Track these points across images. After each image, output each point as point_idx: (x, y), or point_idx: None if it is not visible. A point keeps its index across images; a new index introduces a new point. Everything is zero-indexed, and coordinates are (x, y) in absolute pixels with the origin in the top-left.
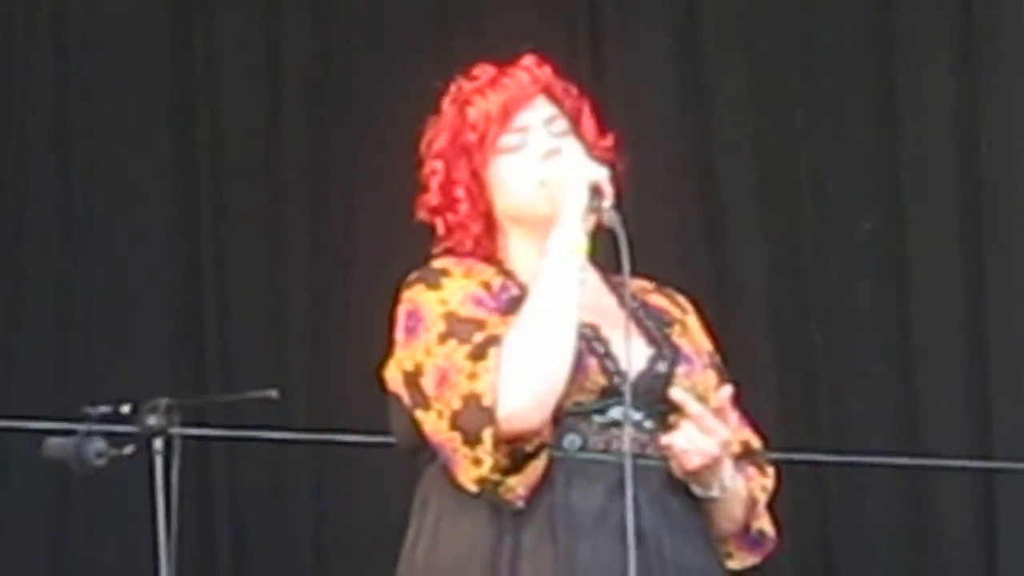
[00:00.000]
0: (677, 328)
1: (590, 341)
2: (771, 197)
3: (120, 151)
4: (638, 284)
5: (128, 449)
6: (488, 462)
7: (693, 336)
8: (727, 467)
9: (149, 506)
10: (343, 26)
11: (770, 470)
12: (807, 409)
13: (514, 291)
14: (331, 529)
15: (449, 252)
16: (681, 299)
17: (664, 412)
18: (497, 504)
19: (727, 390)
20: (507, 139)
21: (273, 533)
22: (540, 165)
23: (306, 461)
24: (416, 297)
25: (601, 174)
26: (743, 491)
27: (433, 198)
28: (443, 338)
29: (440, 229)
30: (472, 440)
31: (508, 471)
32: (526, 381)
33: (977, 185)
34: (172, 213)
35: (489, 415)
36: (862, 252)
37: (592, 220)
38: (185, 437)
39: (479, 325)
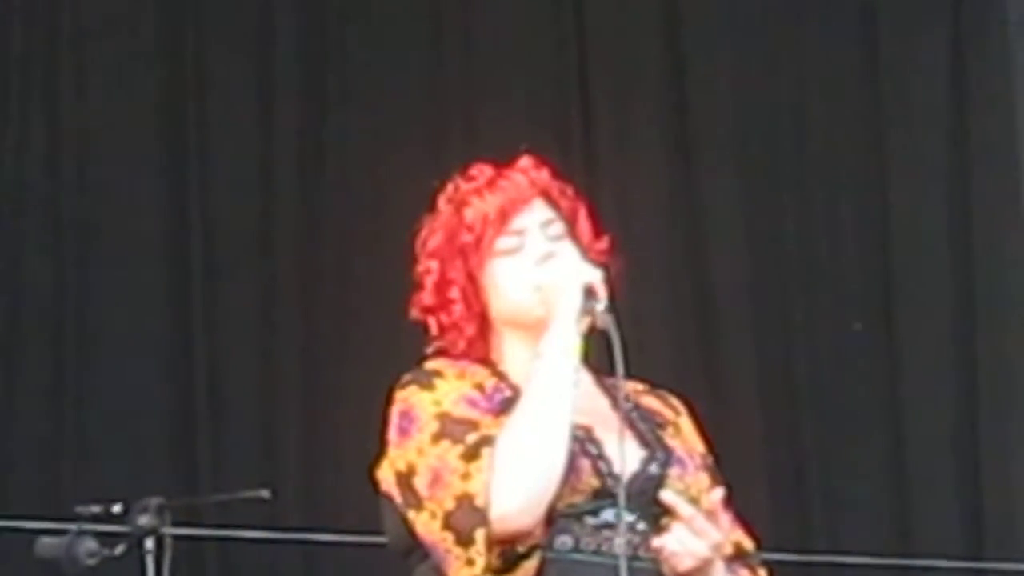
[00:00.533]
0: (670, 430)
1: (583, 443)
2: (763, 299)
3: (114, 236)
4: (631, 386)
5: (119, 549)
6: (480, 562)
7: (686, 437)
8: (719, 569)
9: None
10: (337, 132)
11: (762, 572)
12: (799, 510)
13: (507, 392)
14: None
15: (442, 352)
16: (674, 401)
17: (657, 514)
18: None
19: (718, 492)
20: (504, 242)
21: None
22: (536, 269)
23: (298, 561)
24: (409, 398)
25: (595, 276)
26: None
27: (427, 298)
28: (436, 438)
29: (433, 328)
30: (465, 541)
31: (500, 572)
32: (519, 482)
33: (969, 282)
34: (165, 312)
35: (482, 516)
36: (853, 353)
37: (586, 322)
38: (177, 537)
39: (472, 426)
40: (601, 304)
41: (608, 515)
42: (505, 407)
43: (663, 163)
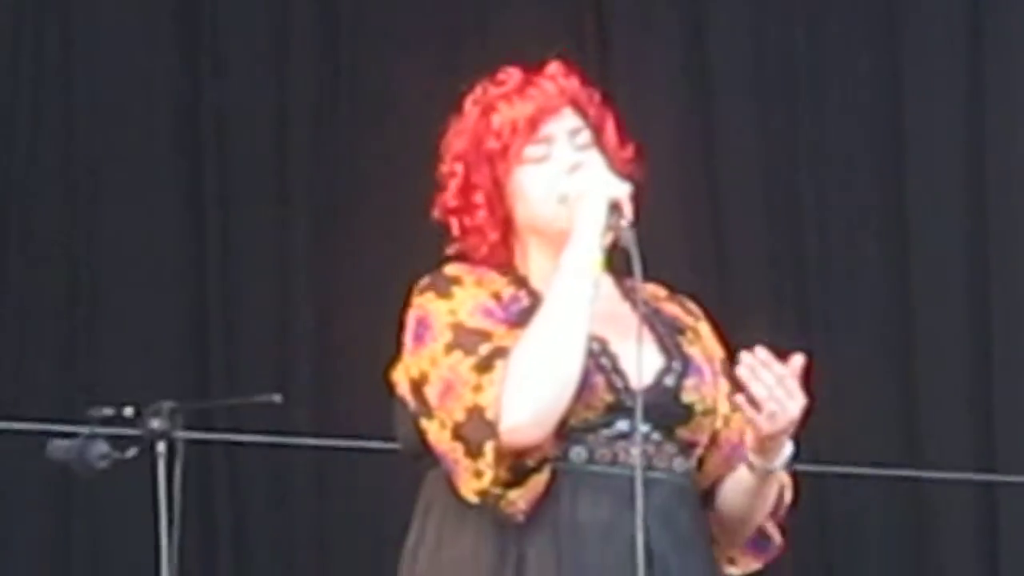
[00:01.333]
0: (689, 335)
1: (597, 357)
2: (776, 206)
3: (127, 156)
4: (651, 291)
5: (131, 452)
6: (489, 475)
7: (705, 343)
8: (788, 443)
9: (151, 508)
10: (350, 30)
11: (787, 479)
12: (807, 418)
13: (525, 302)
14: (333, 533)
15: (462, 256)
16: (693, 306)
17: (671, 425)
18: (498, 516)
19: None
20: (532, 150)
21: (275, 537)
22: (563, 178)
23: (309, 465)
24: (426, 304)
25: (622, 191)
26: (781, 479)
27: (451, 200)
28: (449, 348)
29: (455, 230)
30: (474, 452)
31: (510, 484)
32: (530, 397)
33: (981, 183)
34: (178, 217)
35: (492, 428)
36: (864, 257)
37: (609, 237)
38: (188, 440)
39: (486, 336)
40: (625, 220)
41: (622, 426)
42: (522, 318)
43: (677, 75)
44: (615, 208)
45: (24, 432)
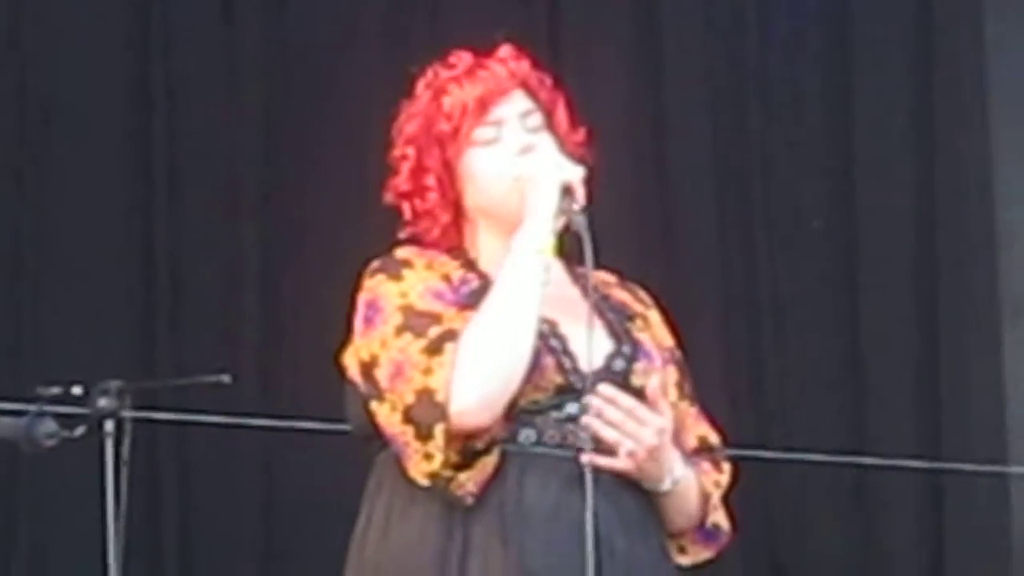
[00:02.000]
0: (639, 322)
1: (547, 339)
2: (725, 192)
3: (74, 134)
4: (601, 277)
5: (79, 431)
6: (439, 458)
7: (654, 331)
8: (675, 459)
9: (98, 488)
10: (298, 13)
11: (726, 466)
12: (758, 407)
13: (475, 284)
14: (280, 514)
15: (414, 239)
16: (643, 294)
17: None
18: (448, 499)
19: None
20: (482, 132)
21: (221, 517)
22: (514, 160)
23: (256, 446)
24: (376, 287)
25: (574, 174)
26: (695, 485)
27: (402, 183)
28: (399, 331)
29: (407, 214)
30: (424, 435)
31: (459, 467)
32: (480, 379)
33: (929, 181)
34: (125, 195)
35: (441, 411)
36: (814, 248)
37: (561, 221)
38: (136, 420)
39: (436, 319)
40: (577, 204)
41: (572, 408)
42: (472, 299)
43: (629, 57)
44: (567, 191)
45: None
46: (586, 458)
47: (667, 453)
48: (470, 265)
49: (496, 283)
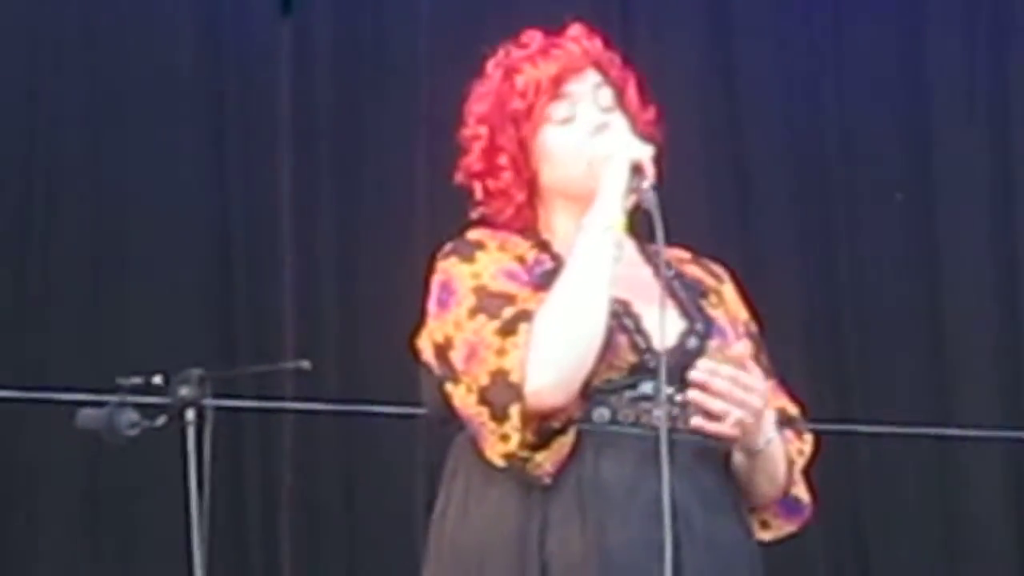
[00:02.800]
0: (712, 298)
1: (620, 318)
2: (802, 169)
3: (152, 127)
4: (674, 254)
5: (160, 420)
6: (515, 438)
7: (728, 306)
8: (768, 418)
9: (181, 476)
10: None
11: (807, 436)
12: (838, 381)
13: (548, 264)
14: (361, 499)
15: (485, 221)
16: (717, 268)
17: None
18: (525, 479)
19: (741, 346)
20: (556, 109)
21: (304, 503)
22: (589, 140)
23: (337, 432)
24: (450, 269)
25: (644, 153)
26: (782, 449)
27: (475, 163)
28: (473, 312)
29: (479, 194)
30: (500, 416)
31: (536, 447)
32: (554, 359)
33: (1007, 160)
34: (203, 186)
35: (517, 391)
36: (893, 223)
37: (631, 199)
38: (217, 408)
39: (509, 300)
40: (647, 183)
41: (646, 387)
42: (546, 280)
43: (701, 35)
44: (637, 170)
45: (54, 402)
46: (696, 421)
47: (766, 417)
48: (543, 246)
49: (568, 262)
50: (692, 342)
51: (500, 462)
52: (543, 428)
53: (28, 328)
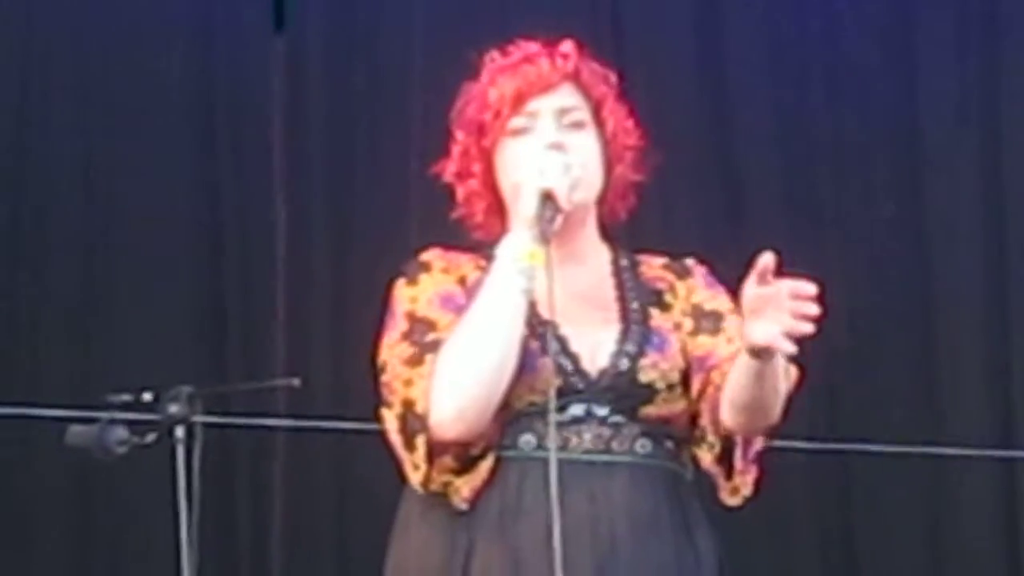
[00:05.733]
0: (667, 297)
1: (545, 340)
2: (792, 183)
3: (143, 140)
4: (645, 259)
5: (150, 437)
6: (423, 470)
7: (688, 301)
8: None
9: (171, 493)
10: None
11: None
12: (829, 399)
13: None
14: (353, 517)
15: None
16: (689, 263)
17: (634, 406)
18: (444, 504)
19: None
20: (515, 122)
21: (294, 521)
22: (541, 154)
23: (328, 449)
24: (396, 292)
25: (556, 182)
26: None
27: (452, 165)
28: (402, 338)
29: (459, 196)
30: (410, 446)
31: (458, 472)
32: (455, 391)
33: (997, 173)
34: (194, 201)
35: (422, 422)
36: (883, 236)
37: (545, 229)
38: (207, 425)
39: (432, 327)
40: (554, 216)
41: (576, 410)
42: None
43: (691, 52)
44: (548, 198)
45: (42, 418)
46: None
47: None
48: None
49: (478, 294)
50: (624, 362)
51: (419, 489)
52: (462, 454)
53: (17, 344)
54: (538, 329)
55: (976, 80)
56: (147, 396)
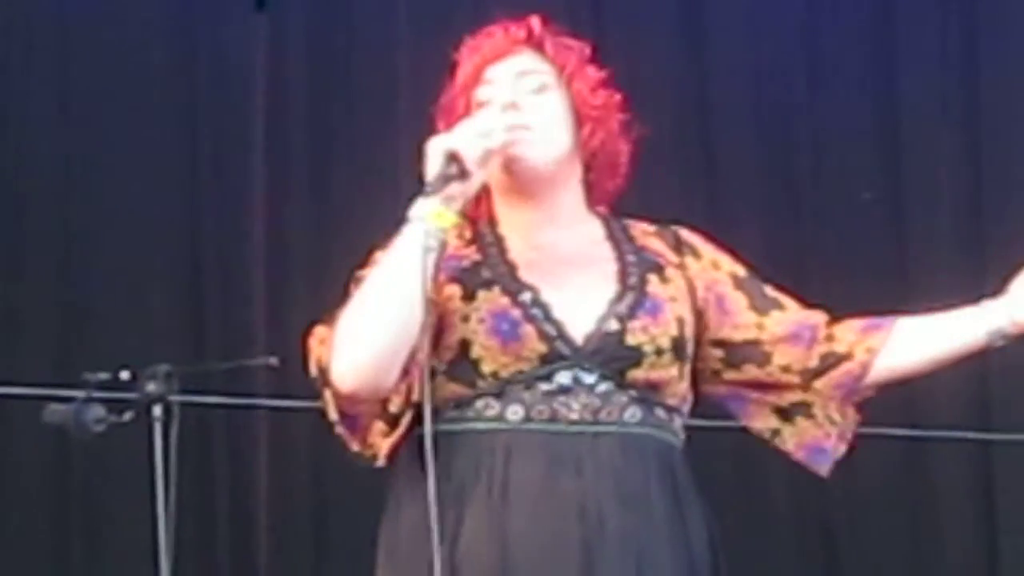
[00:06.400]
0: (668, 271)
1: (527, 307)
2: (771, 163)
3: (124, 122)
4: (640, 227)
5: (127, 415)
6: (334, 417)
7: (692, 279)
8: None
9: (148, 472)
10: None
11: None
12: None
13: (465, 262)
14: (330, 496)
15: None
16: (684, 234)
17: (622, 369)
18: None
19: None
20: (480, 93)
21: (272, 499)
22: (478, 116)
23: (305, 428)
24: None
25: (462, 143)
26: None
27: None
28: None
29: None
30: (324, 400)
31: (387, 435)
32: (351, 345)
33: (975, 151)
34: (174, 181)
35: (324, 377)
36: (862, 219)
37: (471, 186)
38: (184, 404)
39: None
40: (459, 176)
41: (563, 378)
42: (460, 276)
43: (672, 28)
44: (453, 159)
45: (20, 397)
46: None
47: None
48: (472, 241)
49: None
50: (612, 325)
51: (367, 462)
52: (384, 414)
53: None
54: (518, 296)
55: (957, 72)
56: (125, 375)
